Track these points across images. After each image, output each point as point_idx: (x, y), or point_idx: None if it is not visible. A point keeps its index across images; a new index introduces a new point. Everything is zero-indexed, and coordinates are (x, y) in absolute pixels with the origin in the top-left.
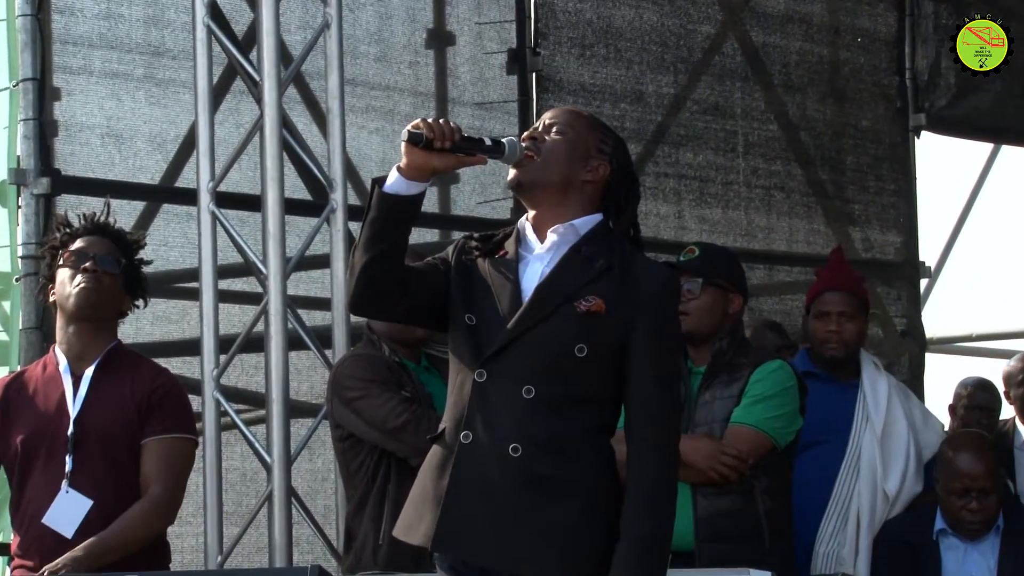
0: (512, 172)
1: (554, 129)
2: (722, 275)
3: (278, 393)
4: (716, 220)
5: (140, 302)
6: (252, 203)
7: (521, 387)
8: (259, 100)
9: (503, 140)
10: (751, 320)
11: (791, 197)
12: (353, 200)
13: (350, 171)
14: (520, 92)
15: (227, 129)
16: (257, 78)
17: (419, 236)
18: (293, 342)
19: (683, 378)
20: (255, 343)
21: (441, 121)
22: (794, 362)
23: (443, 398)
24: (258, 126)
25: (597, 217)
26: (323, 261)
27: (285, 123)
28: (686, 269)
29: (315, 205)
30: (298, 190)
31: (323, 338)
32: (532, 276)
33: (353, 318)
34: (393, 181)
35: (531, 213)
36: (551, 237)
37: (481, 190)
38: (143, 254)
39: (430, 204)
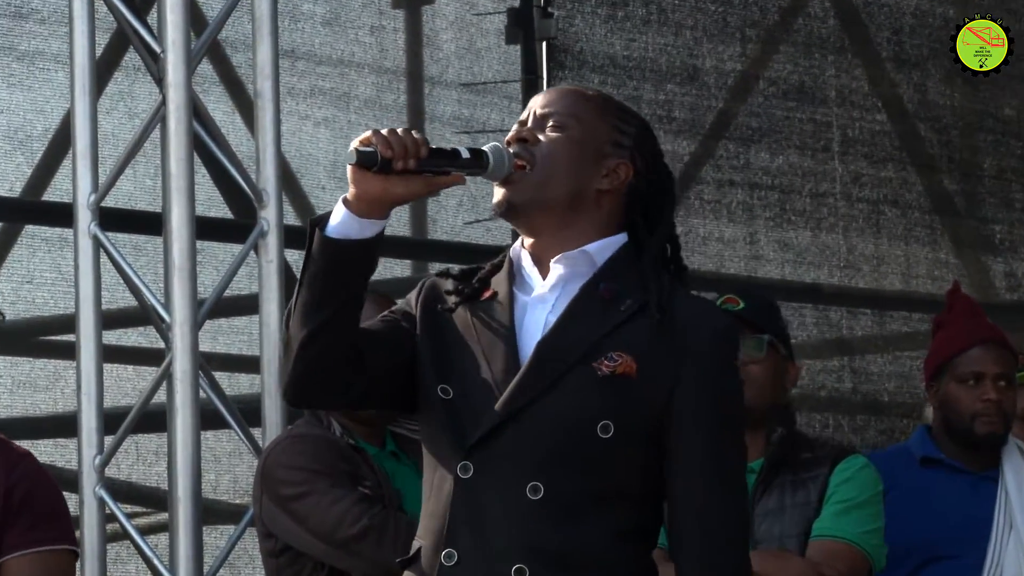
0: (499, 191)
1: (550, 122)
2: (779, 335)
3: (186, 489)
4: (803, 247)
5: None
6: (150, 224)
7: (524, 485)
8: (160, 80)
9: (484, 149)
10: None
11: (907, 215)
12: (292, 219)
13: (288, 179)
14: (525, 69)
15: (115, 120)
16: (158, 49)
17: (386, 269)
18: (207, 418)
19: None
20: (154, 419)
21: (400, 132)
22: (909, 444)
23: (417, 495)
24: (159, 116)
25: (619, 239)
26: (249, 304)
27: (197, 112)
28: (741, 321)
29: (238, 226)
30: (215, 205)
31: (249, 413)
32: (533, 327)
33: None
34: (339, 220)
35: (528, 240)
36: (556, 270)
37: (470, 204)
38: None
39: (400, 225)
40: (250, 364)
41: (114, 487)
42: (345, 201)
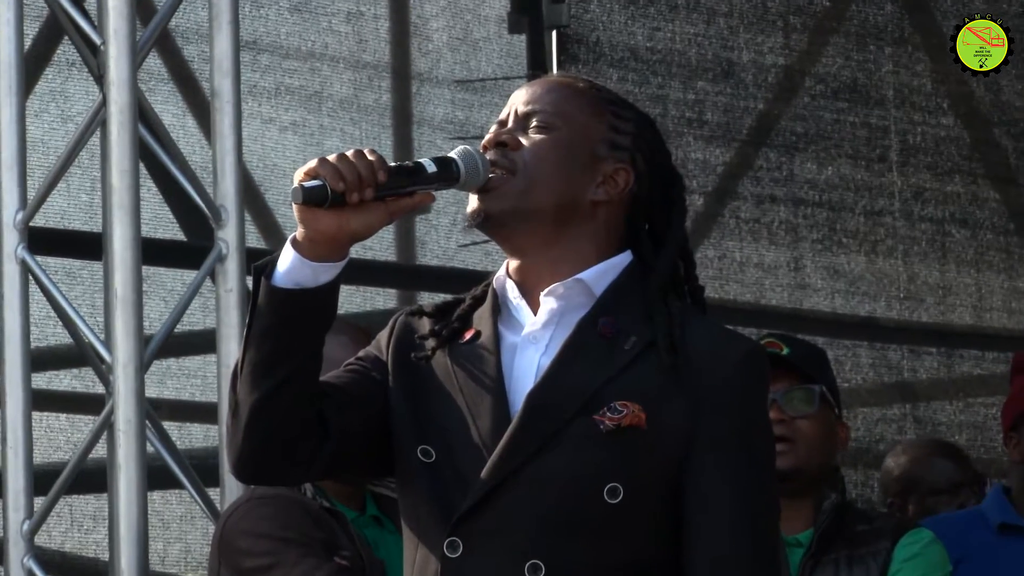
0: (474, 198)
1: (534, 122)
2: (831, 387)
3: (130, 560)
4: (857, 274)
5: None
6: (87, 246)
7: (521, 564)
8: (100, 77)
9: (452, 156)
10: (913, 439)
11: (979, 236)
12: (255, 241)
13: (250, 193)
14: (532, 63)
15: (46, 125)
16: (97, 40)
17: (367, 300)
18: (155, 475)
19: None
20: (93, 477)
21: (351, 155)
22: (984, 508)
23: (402, 566)
24: (98, 120)
25: (621, 260)
26: (204, 341)
27: (143, 114)
28: (787, 368)
29: (192, 249)
30: (164, 225)
31: (204, 470)
32: (524, 373)
33: None
34: (288, 266)
35: (513, 263)
36: (547, 305)
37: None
38: None
39: (384, 249)
40: (205, 412)
41: (45, 557)
42: (294, 243)
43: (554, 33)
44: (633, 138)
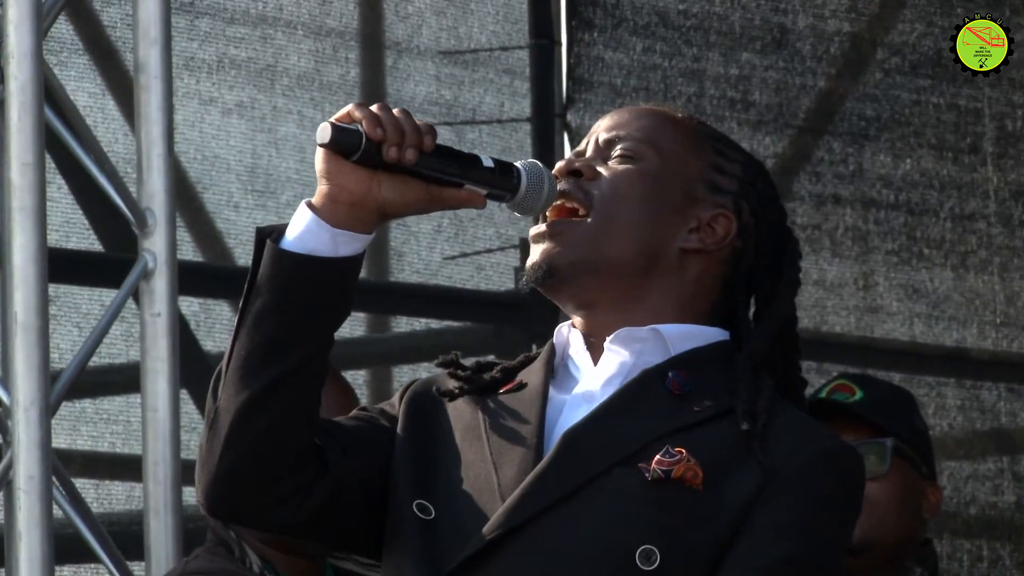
0: (538, 249)
1: (617, 149)
2: (912, 440)
3: None
4: (942, 294)
5: None
6: None
7: None
8: None
9: (518, 165)
10: None
11: None
12: (190, 253)
13: (184, 193)
14: (535, 30)
15: None
16: None
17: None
18: (65, 545)
19: None
20: None
21: (396, 112)
22: None
23: None
24: None
25: (714, 333)
26: (126, 378)
27: (50, 94)
28: (857, 418)
29: (111, 263)
30: (78, 233)
31: (127, 538)
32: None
33: (190, 498)
34: (303, 229)
35: (579, 319)
36: (613, 357)
37: (453, 231)
38: None
39: None
40: (127, 467)
41: None
42: (310, 205)
43: None
44: (740, 183)
